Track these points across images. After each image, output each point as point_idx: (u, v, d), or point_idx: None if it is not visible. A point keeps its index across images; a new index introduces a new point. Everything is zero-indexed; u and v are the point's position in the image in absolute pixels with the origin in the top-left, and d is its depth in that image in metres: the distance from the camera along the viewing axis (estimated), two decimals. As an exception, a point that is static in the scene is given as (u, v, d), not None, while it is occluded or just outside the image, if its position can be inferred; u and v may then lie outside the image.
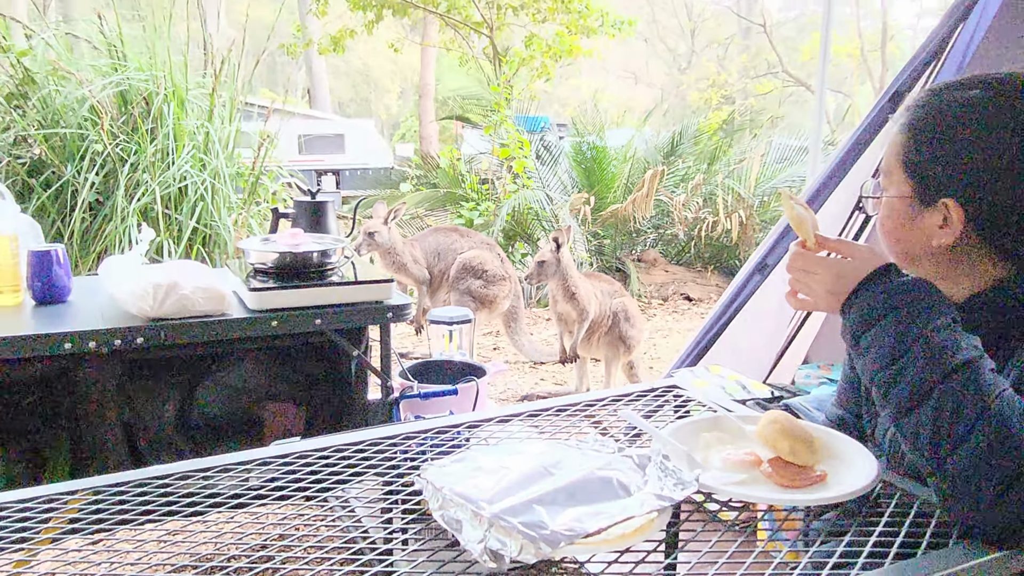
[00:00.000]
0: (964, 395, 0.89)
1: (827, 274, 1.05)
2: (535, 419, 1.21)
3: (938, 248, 1.07)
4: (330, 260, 2.00)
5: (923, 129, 1.08)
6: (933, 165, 1.06)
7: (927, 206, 1.07)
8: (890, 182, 1.11)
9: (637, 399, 1.29)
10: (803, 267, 1.07)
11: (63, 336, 1.64)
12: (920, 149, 1.07)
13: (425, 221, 6.34)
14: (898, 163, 1.10)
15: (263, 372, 2.01)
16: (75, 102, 4.08)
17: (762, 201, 6.35)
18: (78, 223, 3.91)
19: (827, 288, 1.05)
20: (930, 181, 1.06)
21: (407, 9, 6.99)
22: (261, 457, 1.03)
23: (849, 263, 1.04)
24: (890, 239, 1.13)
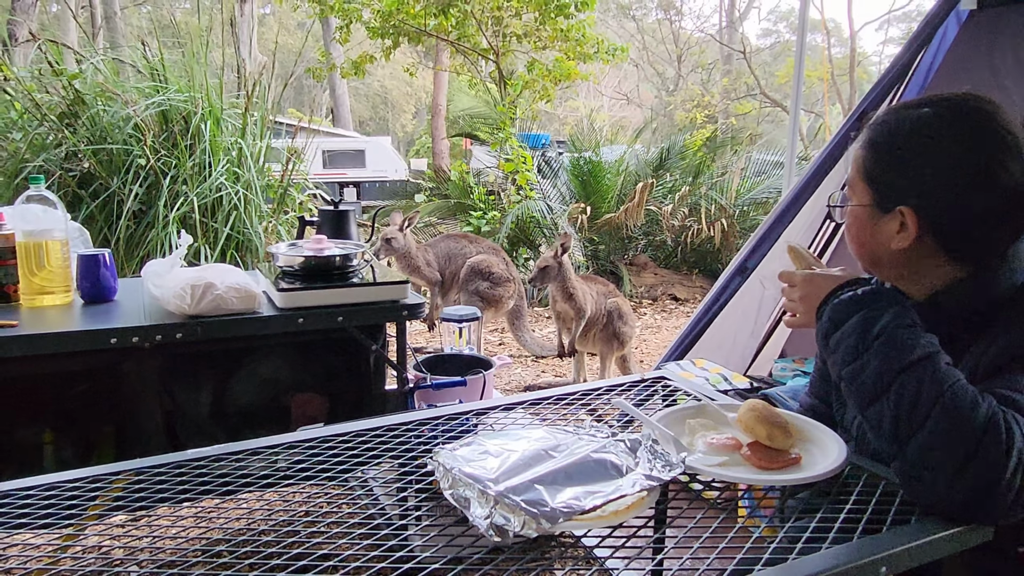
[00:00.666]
0: (921, 386, 0.89)
1: (803, 282, 1.08)
2: (537, 407, 1.21)
3: (897, 251, 1.07)
4: (351, 263, 2.00)
5: (880, 143, 1.08)
6: (889, 176, 1.07)
7: (885, 213, 1.07)
8: (853, 192, 1.12)
9: (629, 389, 1.29)
10: (786, 280, 1.12)
11: (109, 332, 1.64)
12: (878, 161, 1.08)
13: (437, 228, 6.33)
14: (859, 175, 1.11)
15: (290, 364, 2.00)
16: (121, 120, 4.08)
17: (742, 211, 6.33)
18: (123, 230, 3.92)
19: (802, 294, 1.08)
20: (887, 190, 1.07)
21: (421, 37, 6.98)
22: (288, 441, 1.03)
23: (823, 274, 1.08)
24: (855, 244, 1.13)
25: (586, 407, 1.24)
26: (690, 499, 0.97)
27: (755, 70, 21.81)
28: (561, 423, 1.21)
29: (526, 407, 1.19)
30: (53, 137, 4.04)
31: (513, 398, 1.21)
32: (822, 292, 1.04)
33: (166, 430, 1.83)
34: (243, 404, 1.96)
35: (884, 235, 1.07)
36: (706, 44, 26.56)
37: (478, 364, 2.42)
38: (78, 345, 1.62)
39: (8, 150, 4.10)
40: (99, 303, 1.89)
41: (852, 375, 0.95)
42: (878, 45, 34.75)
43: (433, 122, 16.25)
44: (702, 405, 1.12)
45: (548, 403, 1.21)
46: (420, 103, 29.00)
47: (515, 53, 7.28)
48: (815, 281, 1.06)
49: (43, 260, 1.85)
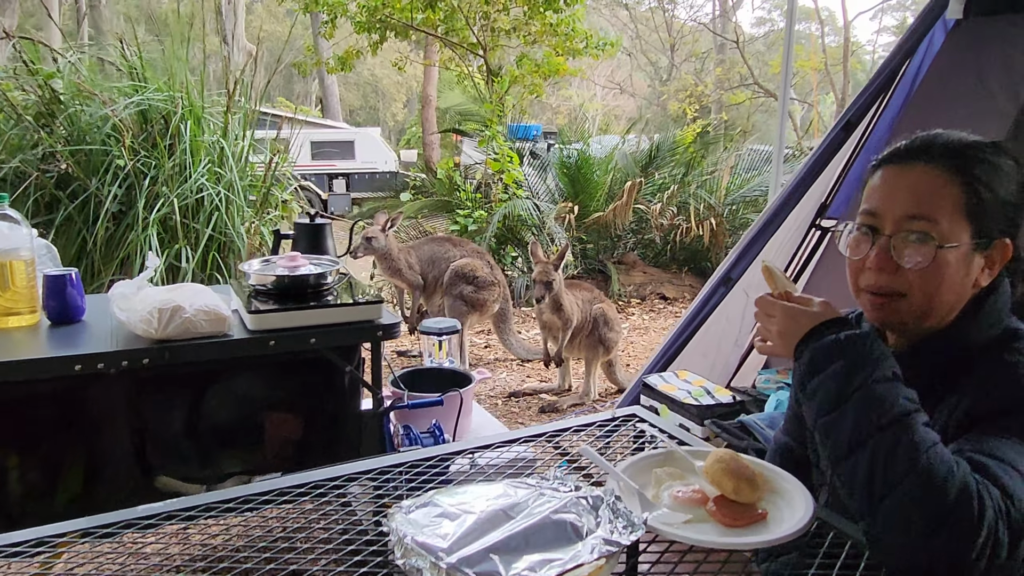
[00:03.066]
0: (897, 447, 0.87)
1: (783, 316, 1.03)
2: (510, 445, 1.18)
3: (969, 291, 1.05)
4: (325, 281, 1.97)
5: (974, 172, 1.02)
6: (990, 206, 1.03)
7: (984, 249, 1.03)
8: (939, 229, 1.01)
9: (600, 428, 1.27)
10: (765, 310, 1.07)
11: (73, 359, 1.61)
12: (977, 192, 1.02)
13: (424, 226, 6.30)
14: (955, 210, 1.01)
15: (262, 385, 1.98)
16: (99, 120, 4.03)
17: (731, 210, 6.32)
18: (102, 232, 3.88)
19: (780, 329, 1.03)
20: (988, 223, 1.03)
21: (408, 31, 6.91)
22: (243, 495, 1.00)
23: (804, 310, 1.03)
24: (948, 291, 1.03)
25: (556, 449, 1.22)
26: (660, 552, 0.95)
27: (748, 60, 21.76)
28: (528, 468, 1.19)
29: (494, 448, 1.17)
30: (29, 137, 3.98)
31: (481, 440, 1.19)
32: (802, 329, 1.00)
33: (136, 453, 1.80)
34: (215, 425, 1.93)
35: (971, 274, 1.04)
36: (699, 33, 26.46)
37: (457, 379, 2.40)
38: (41, 373, 1.59)
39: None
40: (66, 324, 1.86)
41: (827, 427, 0.93)
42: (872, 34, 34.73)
43: (423, 113, 16.15)
44: (670, 452, 1.10)
45: (518, 444, 1.19)
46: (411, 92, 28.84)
47: (504, 48, 7.22)
48: (796, 317, 1.02)
49: (8, 281, 1.82)
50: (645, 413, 1.28)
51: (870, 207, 1.08)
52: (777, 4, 29.19)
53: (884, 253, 1.04)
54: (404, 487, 1.05)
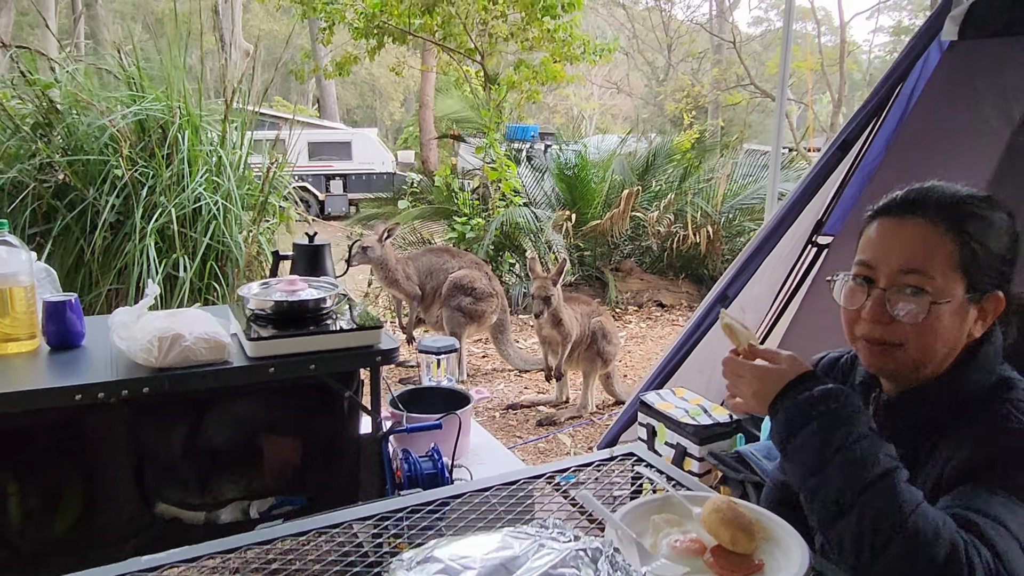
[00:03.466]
0: (882, 511, 0.89)
1: (753, 378, 1.07)
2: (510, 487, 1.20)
3: (961, 342, 1.06)
4: (325, 306, 1.98)
5: (966, 227, 1.04)
6: (984, 260, 1.04)
7: (977, 301, 1.05)
8: (933, 282, 1.03)
9: (598, 468, 1.28)
10: (733, 371, 1.10)
11: (74, 388, 1.61)
12: (971, 246, 1.04)
13: (422, 233, 6.31)
14: (948, 264, 1.03)
15: (262, 408, 1.98)
16: (96, 130, 4.03)
17: (728, 218, 6.34)
18: (100, 241, 3.88)
19: (753, 390, 1.07)
20: (981, 277, 1.05)
21: (406, 37, 6.91)
22: (246, 544, 1.01)
23: (773, 369, 1.05)
24: (940, 343, 1.05)
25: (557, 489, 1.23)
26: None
27: (745, 60, 21.78)
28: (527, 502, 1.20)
29: (494, 491, 1.18)
30: (27, 148, 3.98)
31: (481, 483, 1.20)
32: (773, 389, 1.03)
33: (135, 479, 1.81)
34: (213, 451, 1.94)
35: (964, 327, 1.06)
36: (696, 33, 26.48)
37: (456, 398, 2.41)
38: (42, 403, 1.59)
39: (-20, 160, 4.04)
40: (66, 350, 1.86)
41: (812, 492, 0.95)
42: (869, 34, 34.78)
43: (421, 114, 16.15)
44: (668, 497, 1.11)
45: (518, 486, 1.20)
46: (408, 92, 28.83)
47: (502, 53, 7.23)
48: (766, 377, 1.05)
49: (7, 307, 1.82)
50: (643, 452, 1.29)
51: (865, 258, 1.10)
52: (774, 3, 29.22)
53: (879, 305, 1.06)
54: (405, 533, 1.06)
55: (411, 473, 1.96)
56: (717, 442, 2.42)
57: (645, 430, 2.62)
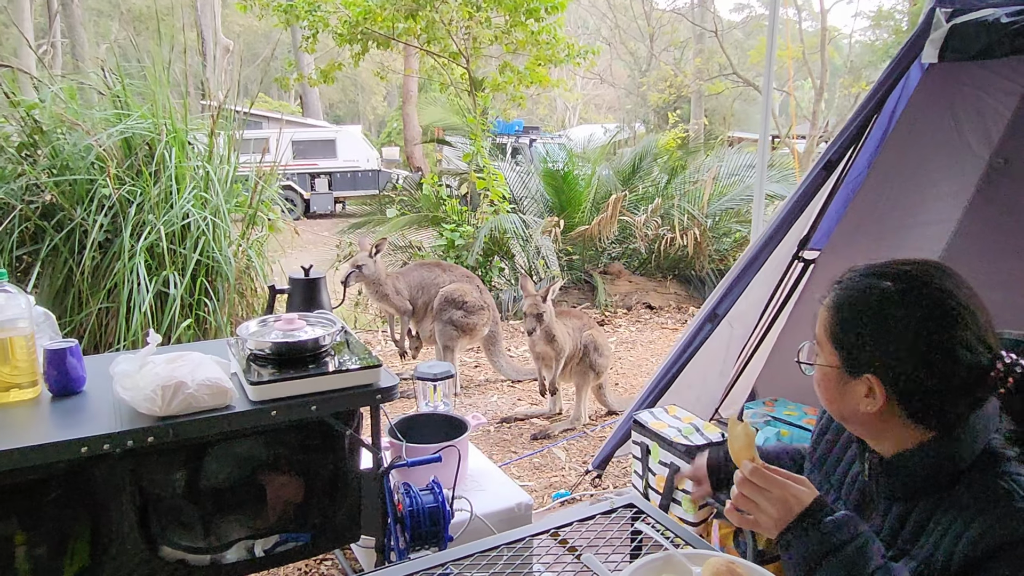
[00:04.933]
0: None
1: (776, 502, 1.08)
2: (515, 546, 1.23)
3: (865, 414, 1.11)
4: (324, 344, 2.00)
5: (846, 312, 1.12)
6: (857, 343, 1.10)
7: (853, 377, 1.11)
8: (822, 350, 1.16)
9: (600, 521, 1.32)
10: (762, 483, 1.09)
11: (79, 442, 1.63)
12: (844, 328, 1.12)
13: (410, 240, 6.32)
14: (827, 336, 1.14)
15: (264, 448, 2.01)
16: (83, 150, 4.01)
17: (714, 220, 6.41)
18: (88, 261, 3.87)
19: (776, 515, 1.08)
20: (855, 357, 1.10)
21: (390, 42, 6.89)
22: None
23: (794, 488, 1.08)
24: (824, 400, 1.17)
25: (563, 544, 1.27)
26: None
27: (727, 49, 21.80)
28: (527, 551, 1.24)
29: (501, 549, 1.22)
30: (12, 169, 3.95)
31: (489, 541, 1.23)
32: (791, 514, 1.06)
33: (140, 525, 1.83)
34: (217, 488, 1.96)
35: (853, 397, 1.12)
36: (678, 22, 26.46)
37: (453, 425, 2.44)
38: (48, 457, 1.61)
39: (-35, 182, 4.01)
40: (67, 396, 1.88)
41: None
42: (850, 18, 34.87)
43: (404, 109, 16.09)
44: (669, 556, 1.16)
45: (524, 543, 1.24)
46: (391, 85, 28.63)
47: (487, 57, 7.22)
48: (787, 500, 1.07)
49: (8, 355, 1.83)
50: (642, 503, 1.33)
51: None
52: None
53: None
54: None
55: (412, 507, 2.00)
56: (710, 461, 2.47)
57: (639, 448, 2.66)
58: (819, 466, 1.34)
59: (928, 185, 2.65)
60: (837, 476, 1.28)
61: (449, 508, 2.01)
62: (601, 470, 3.06)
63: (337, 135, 16.09)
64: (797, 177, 7.02)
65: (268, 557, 1.97)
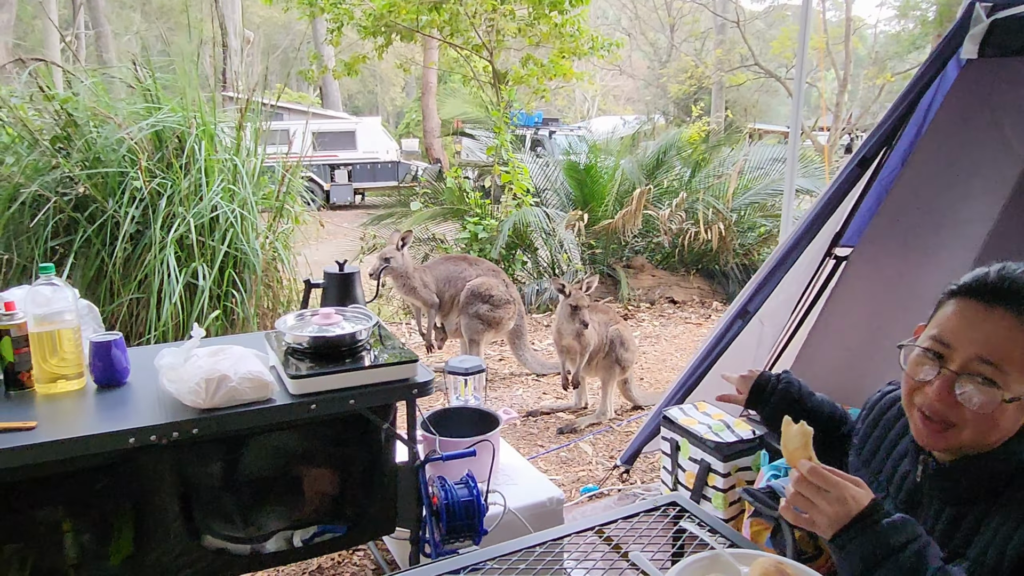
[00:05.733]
0: None
1: (836, 501, 1.06)
2: (559, 543, 1.25)
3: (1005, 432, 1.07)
4: (360, 339, 2.03)
5: None
6: None
7: None
8: (1007, 376, 1.03)
9: (643, 519, 1.33)
10: (820, 483, 1.07)
11: (127, 433, 1.67)
12: None
13: (434, 233, 6.35)
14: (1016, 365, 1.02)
15: (302, 440, 2.04)
16: (115, 143, 4.06)
17: (740, 215, 6.37)
18: (120, 252, 3.93)
19: (832, 515, 1.06)
20: None
21: (413, 35, 6.91)
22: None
23: (852, 489, 1.06)
24: (986, 428, 1.07)
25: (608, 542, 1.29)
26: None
27: (749, 39, 21.58)
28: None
29: (546, 546, 1.24)
30: (47, 162, 4.02)
31: (529, 540, 1.25)
32: (848, 515, 1.05)
33: (182, 514, 1.87)
34: (256, 480, 2.00)
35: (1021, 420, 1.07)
36: (699, 12, 26.21)
37: (485, 418, 2.46)
38: (97, 448, 1.65)
39: (2, 174, 4.08)
40: (112, 388, 1.92)
41: None
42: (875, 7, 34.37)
43: (423, 100, 16.09)
44: (716, 555, 1.17)
45: (569, 541, 1.26)
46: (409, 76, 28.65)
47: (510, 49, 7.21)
48: (846, 501, 1.05)
49: (56, 347, 1.88)
50: (686, 502, 1.34)
51: (942, 336, 1.09)
52: (778, -21, 28.81)
53: (947, 387, 1.06)
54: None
55: (447, 501, 2.02)
56: (740, 458, 2.48)
57: (668, 444, 2.67)
58: (866, 464, 1.33)
59: (964, 183, 2.62)
60: (885, 475, 1.28)
61: (483, 502, 2.03)
62: (629, 465, 3.07)
63: (357, 127, 16.15)
64: (826, 172, 6.96)
65: (306, 547, 2.01)
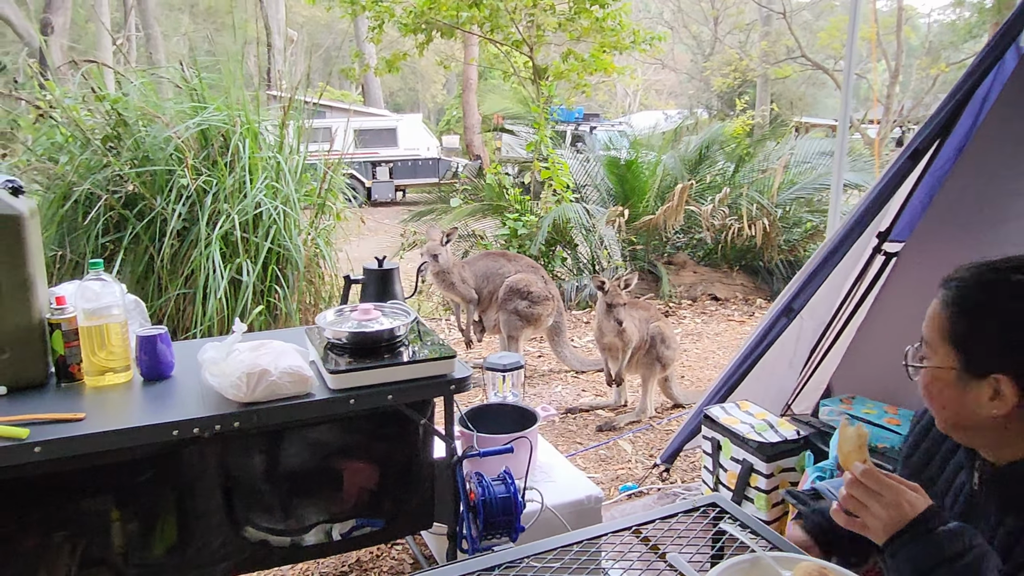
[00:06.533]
0: None
1: (890, 506, 1.04)
2: (596, 541, 1.24)
3: (988, 418, 1.05)
4: (399, 335, 2.04)
5: (969, 308, 1.06)
6: (981, 341, 1.05)
7: (976, 378, 1.05)
8: (934, 353, 1.10)
9: (682, 520, 1.31)
10: (874, 486, 1.06)
11: (171, 425, 1.71)
12: (969, 326, 1.06)
13: (473, 229, 6.37)
14: (941, 337, 1.09)
15: (341, 435, 2.06)
16: (163, 142, 4.16)
17: (785, 210, 6.24)
18: (168, 249, 4.03)
19: (886, 519, 1.04)
20: (978, 356, 1.05)
21: (453, 31, 6.93)
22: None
23: (908, 494, 1.04)
24: (936, 405, 1.12)
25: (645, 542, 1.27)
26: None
27: (795, 31, 21.13)
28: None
29: (582, 545, 1.22)
30: (98, 160, 4.13)
31: (564, 538, 1.24)
32: (904, 515, 1.03)
33: (224, 505, 1.91)
34: (296, 474, 2.02)
35: (973, 401, 1.06)
36: (744, 4, 25.75)
37: (523, 415, 2.46)
38: (142, 439, 1.69)
39: (56, 173, 4.21)
40: (157, 381, 1.96)
41: None
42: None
43: (464, 96, 16.14)
44: (757, 559, 1.14)
45: (605, 540, 1.24)
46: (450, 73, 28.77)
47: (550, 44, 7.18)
48: (901, 506, 1.03)
49: (104, 340, 1.92)
50: (725, 503, 1.32)
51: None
52: (826, -30, 28.16)
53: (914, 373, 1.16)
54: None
55: (485, 497, 2.02)
56: (784, 459, 2.43)
57: (710, 444, 2.63)
58: (916, 474, 1.28)
59: (1021, 178, 2.52)
60: (940, 485, 1.23)
61: (521, 500, 2.03)
62: (669, 464, 3.03)
63: (398, 124, 16.28)
64: (876, 165, 6.78)
65: (345, 541, 2.03)
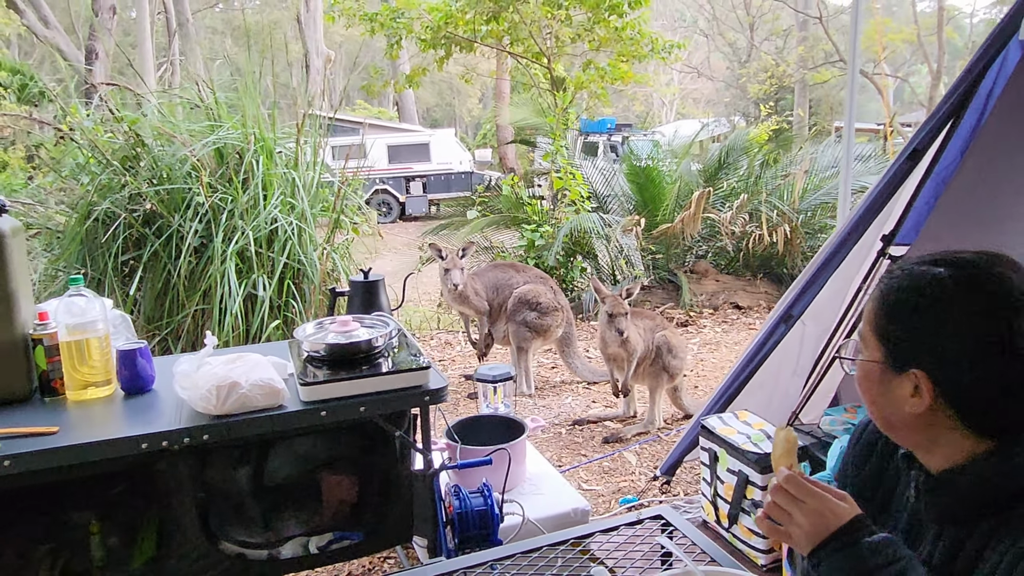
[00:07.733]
0: None
1: (812, 513, 0.99)
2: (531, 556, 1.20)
3: (911, 416, 1.01)
4: (377, 345, 2.03)
5: (893, 301, 1.02)
6: (902, 336, 1.01)
7: (898, 373, 1.01)
8: (865, 346, 1.07)
9: (625, 531, 1.27)
10: (796, 492, 1.01)
11: (139, 438, 1.72)
12: (891, 319, 1.02)
13: (491, 241, 6.37)
14: (871, 329, 1.05)
15: (319, 447, 2.06)
16: (179, 160, 4.25)
17: (808, 216, 6.10)
18: (185, 265, 4.10)
19: (808, 527, 0.99)
20: (899, 350, 1.01)
21: (472, 45, 6.97)
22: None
23: (832, 502, 0.99)
24: (866, 400, 1.08)
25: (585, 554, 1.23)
26: None
27: (833, 34, 20.79)
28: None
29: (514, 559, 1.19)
30: (117, 180, 4.25)
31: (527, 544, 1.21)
32: (827, 529, 0.97)
33: (201, 517, 1.91)
34: (274, 487, 2.03)
35: (897, 397, 1.02)
36: (780, 10, 25.42)
37: (511, 427, 2.43)
38: (111, 453, 1.71)
39: (78, 193, 4.34)
40: (138, 394, 1.99)
41: None
42: None
43: (497, 110, 16.23)
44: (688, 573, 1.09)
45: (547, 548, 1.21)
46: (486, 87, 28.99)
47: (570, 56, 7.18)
48: (824, 514, 0.98)
49: (85, 355, 1.95)
50: (672, 516, 1.27)
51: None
52: (864, -27, 27.63)
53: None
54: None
55: (461, 509, 1.99)
56: (780, 471, 2.35)
57: (707, 455, 2.57)
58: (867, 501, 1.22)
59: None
60: (881, 496, 1.17)
61: (499, 512, 1.99)
62: (670, 476, 2.96)
63: (431, 139, 16.45)
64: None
65: (322, 554, 2.02)
